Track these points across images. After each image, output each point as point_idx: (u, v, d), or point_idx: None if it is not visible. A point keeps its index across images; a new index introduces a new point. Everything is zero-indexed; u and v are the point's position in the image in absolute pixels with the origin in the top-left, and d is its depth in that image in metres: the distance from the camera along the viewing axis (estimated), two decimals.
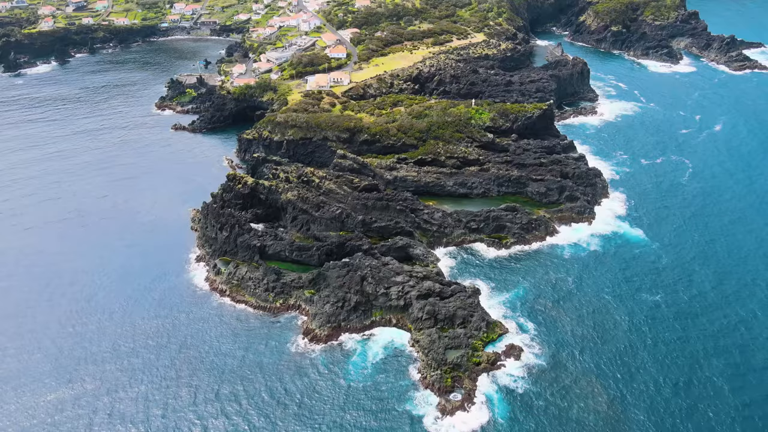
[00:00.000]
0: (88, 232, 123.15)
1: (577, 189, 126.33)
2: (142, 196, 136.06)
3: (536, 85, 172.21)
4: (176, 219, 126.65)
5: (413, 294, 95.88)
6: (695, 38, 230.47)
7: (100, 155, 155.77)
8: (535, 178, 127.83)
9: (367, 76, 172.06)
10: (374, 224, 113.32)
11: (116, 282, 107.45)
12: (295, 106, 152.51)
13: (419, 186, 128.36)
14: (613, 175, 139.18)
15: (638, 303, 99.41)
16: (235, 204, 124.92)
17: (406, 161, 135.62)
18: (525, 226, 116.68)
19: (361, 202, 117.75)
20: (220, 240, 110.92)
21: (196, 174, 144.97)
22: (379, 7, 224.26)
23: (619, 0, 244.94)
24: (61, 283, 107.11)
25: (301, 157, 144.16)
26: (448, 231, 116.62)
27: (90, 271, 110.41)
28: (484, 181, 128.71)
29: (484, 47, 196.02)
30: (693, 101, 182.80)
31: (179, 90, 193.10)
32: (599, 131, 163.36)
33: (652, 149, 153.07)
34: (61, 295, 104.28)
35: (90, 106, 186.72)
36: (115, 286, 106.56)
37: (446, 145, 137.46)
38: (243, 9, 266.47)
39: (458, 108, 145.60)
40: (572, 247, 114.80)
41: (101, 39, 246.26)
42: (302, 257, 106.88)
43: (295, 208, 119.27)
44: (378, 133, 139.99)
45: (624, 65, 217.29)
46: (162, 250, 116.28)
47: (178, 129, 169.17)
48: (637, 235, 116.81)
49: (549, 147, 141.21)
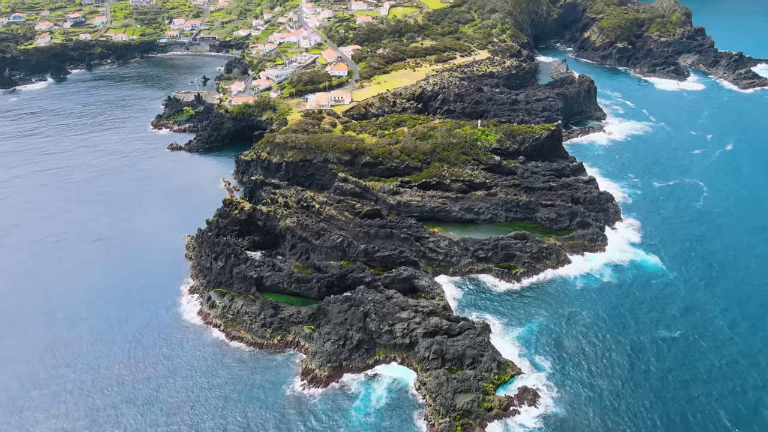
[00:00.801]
0: (73, 258, 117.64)
1: (589, 215, 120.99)
2: (134, 220, 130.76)
3: (543, 103, 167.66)
4: (170, 245, 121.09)
5: (419, 331, 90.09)
6: (702, 55, 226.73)
7: (91, 176, 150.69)
8: (544, 203, 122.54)
9: (368, 94, 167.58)
10: (377, 253, 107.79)
11: (101, 314, 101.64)
12: (294, 127, 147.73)
13: (424, 211, 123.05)
14: (625, 199, 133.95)
15: (658, 341, 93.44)
16: (232, 230, 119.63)
17: (410, 184, 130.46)
18: (535, 255, 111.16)
19: (363, 229, 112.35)
20: (215, 270, 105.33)
21: (192, 197, 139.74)
22: (381, 24, 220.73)
23: (624, 16, 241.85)
24: (39, 314, 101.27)
25: (301, 179, 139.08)
26: (455, 260, 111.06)
27: (73, 301, 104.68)
28: (492, 206, 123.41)
29: (488, 64, 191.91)
30: (703, 120, 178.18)
31: (176, 108, 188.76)
32: (608, 152, 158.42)
33: (664, 171, 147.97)
34: (39, 326, 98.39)
35: (84, 125, 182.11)
36: (100, 318, 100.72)
37: (451, 167, 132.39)
38: (243, 25, 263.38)
39: (464, 129, 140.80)
40: (585, 277, 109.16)
41: (99, 55, 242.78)
42: (301, 290, 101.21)
43: (294, 235, 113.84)
44: (380, 155, 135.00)
45: (630, 82, 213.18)
46: (153, 280, 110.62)
47: (175, 149, 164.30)
48: (654, 264, 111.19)
49: (558, 169, 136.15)
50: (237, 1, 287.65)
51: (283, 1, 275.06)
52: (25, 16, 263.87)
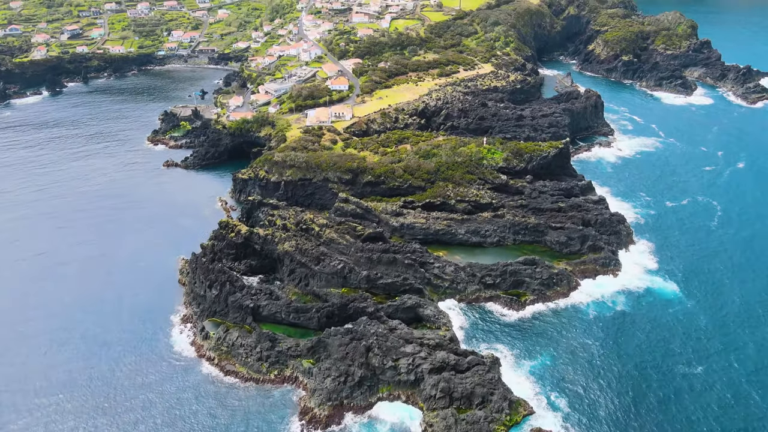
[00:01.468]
0: (61, 281, 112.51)
1: (601, 238, 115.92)
2: (126, 241, 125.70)
3: (549, 119, 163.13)
4: (163, 269, 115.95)
5: (425, 367, 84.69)
6: (709, 68, 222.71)
7: (84, 194, 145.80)
8: (554, 225, 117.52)
9: (370, 110, 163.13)
10: (380, 281, 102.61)
11: (85, 342, 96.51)
12: (294, 144, 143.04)
13: (428, 234, 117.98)
14: (637, 220, 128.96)
15: (678, 377, 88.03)
16: (228, 254, 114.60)
17: (413, 205, 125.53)
18: (545, 282, 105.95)
19: (365, 254, 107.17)
20: (209, 299, 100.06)
21: (187, 217, 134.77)
22: (382, 37, 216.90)
23: (628, 29, 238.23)
24: (18, 339, 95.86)
25: (300, 198, 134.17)
26: (461, 287, 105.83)
27: (59, 328, 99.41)
28: (499, 228, 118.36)
29: (492, 78, 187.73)
30: (713, 136, 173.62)
31: (173, 123, 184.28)
32: (618, 169, 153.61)
33: (676, 189, 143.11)
34: (16, 353, 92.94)
35: (77, 140, 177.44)
36: (82, 347, 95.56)
37: (456, 187, 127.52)
38: (242, 37, 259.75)
39: (469, 147, 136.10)
40: (598, 305, 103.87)
41: (95, 68, 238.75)
42: (300, 320, 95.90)
43: (293, 260, 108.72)
44: (383, 174, 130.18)
45: (637, 96, 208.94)
46: (144, 307, 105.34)
47: (170, 166, 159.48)
48: (671, 291, 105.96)
49: (566, 189, 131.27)
50: (236, 13, 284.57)
51: (283, 13, 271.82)
52: (21, 28, 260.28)
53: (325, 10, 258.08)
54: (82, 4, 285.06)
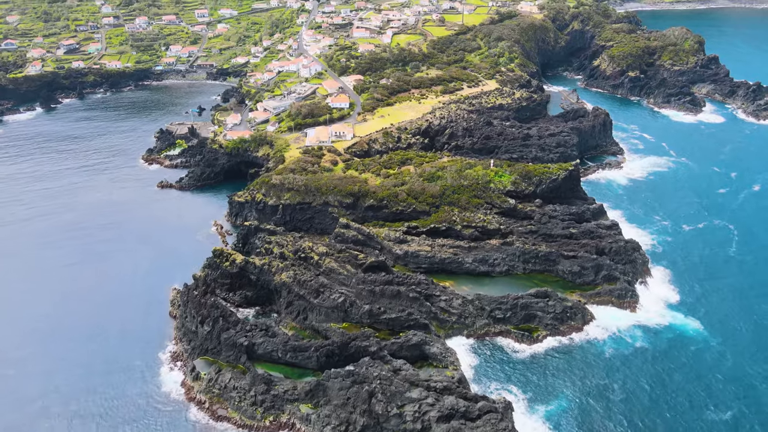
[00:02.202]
0: (44, 309, 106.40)
1: (616, 267, 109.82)
2: (115, 268, 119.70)
3: (556, 138, 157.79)
4: (153, 300, 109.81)
5: (432, 415, 78.23)
6: (718, 84, 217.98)
7: (73, 215, 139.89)
8: (566, 254, 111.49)
9: (371, 129, 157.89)
10: (383, 315, 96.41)
11: (72, 383, 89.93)
12: (292, 165, 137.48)
13: (433, 263, 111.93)
14: (652, 246, 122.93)
15: (705, 425, 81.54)
16: (222, 284, 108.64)
17: (417, 230, 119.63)
18: (559, 316, 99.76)
19: (367, 287, 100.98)
20: (200, 335, 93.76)
21: (181, 242, 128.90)
22: (384, 52, 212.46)
23: (634, 44, 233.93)
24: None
25: (299, 223, 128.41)
26: (470, 322, 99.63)
27: (36, 364, 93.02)
28: (508, 257, 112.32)
29: (497, 96, 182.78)
30: (725, 156, 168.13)
31: (169, 141, 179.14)
32: (629, 191, 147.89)
33: (691, 213, 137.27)
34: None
35: (70, 158, 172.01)
36: (66, 389, 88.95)
37: (462, 212, 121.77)
38: (241, 52, 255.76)
39: (475, 169, 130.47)
40: (615, 341, 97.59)
41: (91, 83, 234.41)
42: (298, 359, 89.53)
43: (291, 292, 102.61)
44: (385, 198, 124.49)
45: (644, 114, 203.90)
46: (132, 342, 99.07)
47: (165, 187, 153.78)
48: (693, 327, 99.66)
49: (577, 213, 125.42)
50: (236, 27, 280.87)
51: (282, 28, 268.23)
52: (17, 43, 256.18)
53: (326, 25, 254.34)
54: (79, 19, 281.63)
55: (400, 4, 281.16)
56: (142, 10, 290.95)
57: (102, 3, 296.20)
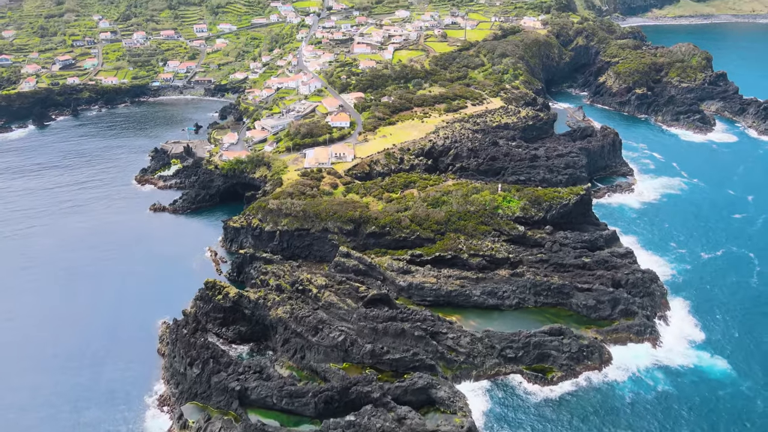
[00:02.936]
0: (19, 343, 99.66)
1: (633, 301, 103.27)
2: (102, 298, 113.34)
3: (565, 159, 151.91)
4: (141, 335, 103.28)
5: None
6: (727, 102, 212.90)
7: (58, 240, 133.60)
8: (580, 287, 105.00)
9: (373, 149, 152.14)
10: (386, 356, 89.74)
11: (40, 426, 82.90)
12: (290, 189, 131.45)
13: (439, 295, 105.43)
14: (671, 276, 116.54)
15: None
16: (215, 318, 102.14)
17: (421, 258, 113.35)
18: (574, 356, 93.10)
19: (369, 324, 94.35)
20: (189, 378, 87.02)
21: (173, 269, 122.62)
22: (385, 69, 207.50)
23: (641, 60, 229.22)
24: None
25: (297, 250, 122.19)
26: (479, 361, 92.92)
27: (8, 407, 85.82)
28: (518, 289, 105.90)
29: (502, 114, 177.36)
30: (739, 177, 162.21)
31: (163, 161, 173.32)
32: (642, 215, 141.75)
33: (708, 239, 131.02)
34: None
35: (59, 179, 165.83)
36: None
37: (469, 239, 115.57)
38: (240, 67, 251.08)
39: (482, 194, 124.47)
40: (635, 383, 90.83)
41: (86, 100, 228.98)
42: (294, 406, 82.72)
43: (288, 328, 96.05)
44: (388, 225, 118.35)
45: (653, 132, 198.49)
46: (117, 383, 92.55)
47: (158, 210, 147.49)
48: (719, 368, 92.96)
49: (590, 241, 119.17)
50: (235, 42, 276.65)
51: (282, 43, 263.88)
52: (12, 58, 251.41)
53: (326, 41, 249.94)
54: (76, 34, 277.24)
55: (402, 20, 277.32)
56: (140, 25, 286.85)
57: (99, 18, 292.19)
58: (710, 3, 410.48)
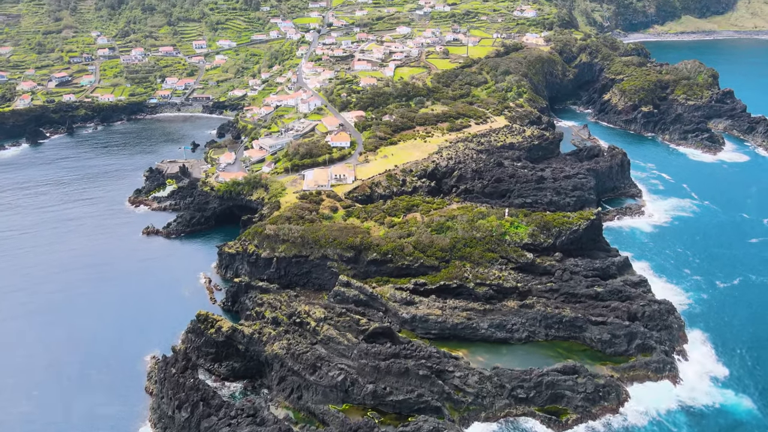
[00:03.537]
0: (3, 374, 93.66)
1: (651, 335, 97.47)
2: (88, 329, 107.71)
3: (572, 181, 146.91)
4: (128, 371, 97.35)
5: None
6: (735, 120, 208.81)
7: (44, 267, 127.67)
8: (594, 319, 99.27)
9: (374, 171, 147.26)
10: (389, 397, 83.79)
11: None
12: (288, 212, 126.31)
13: (445, 328, 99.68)
14: (687, 305, 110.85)
15: None
16: (206, 353, 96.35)
17: (425, 287, 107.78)
18: (590, 396, 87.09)
19: (370, 361, 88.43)
20: (178, 422, 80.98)
21: (165, 299, 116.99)
22: (387, 86, 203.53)
23: (646, 78, 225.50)
24: None
25: (295, 278, 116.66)
26: (488, 402, 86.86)
27: None
28: (528, 321, 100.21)
29: (507, 134, 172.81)
30: (753, 199, 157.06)
31: (158, 181, 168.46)
32: (654, 240, 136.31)
33: (724, 266, 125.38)
34: None
35: (49, 200, 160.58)
36: None
37: (475, 267, 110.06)
38: (239, 84, 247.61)
39: (488, 220, 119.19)
40: (656, 427, 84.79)
41: (82, 117, 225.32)
42: None
43: (284, 365, 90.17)
44: (390, 252, 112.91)
45: (661, 151, 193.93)
46: (100, 423, 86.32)
47: (151, 233, 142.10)
48: (746, 408, 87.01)
49: (602, 268, 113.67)
50: (234, 59, 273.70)
51: (282, 59, 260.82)
52: (7, 75, 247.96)
53: (326, 57, 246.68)
54: (74, 50, 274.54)
55: (403, 36, 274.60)
56: (138, 42, 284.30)
57: (98, 34, 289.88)
58: (712, 19, 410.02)
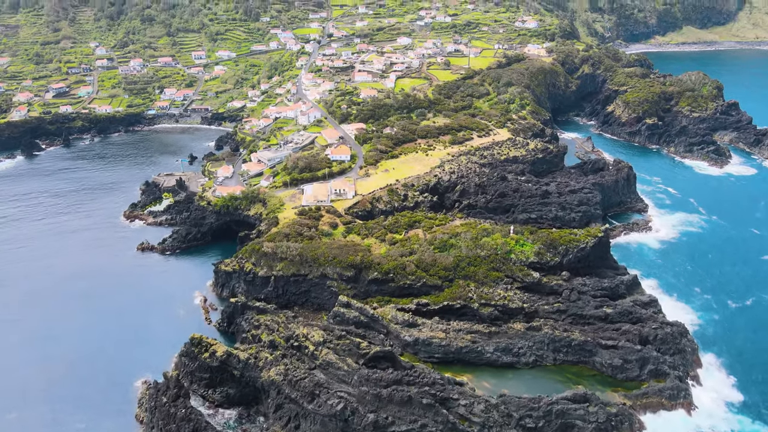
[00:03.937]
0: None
1: (664, 360, 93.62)
2: (77, 351, 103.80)
3: (578, 196, 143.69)
4: (118, 398, 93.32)
5: None
6: (741, 132, 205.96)
7: (36, 284, 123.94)
8: (605, 343, 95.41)
9: (375, 185, 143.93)
10: (391, 428, 79.78)
11: None
12: (287, 229, 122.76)
13: (448, 352, 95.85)
14: (698, 327, 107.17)
15: None
16: (200, 378, 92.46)
17: (428, 309, 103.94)
18: (602, 426, 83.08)
19: (371, 388, 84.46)
20: None
21: (159, 317, 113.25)
22: (387, 98, 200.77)
23: (650, 89, 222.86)
24: None
25: (293, 297, 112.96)
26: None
27: None
28: (535, 345, 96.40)
29: (510, 147, 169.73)
30: (762, 214, 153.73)
31: (154, 195, 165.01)
32: (662, 256, 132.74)
33: (736, 285, 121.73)
34: None
35: (42, 215, 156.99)
36: None
37: (480, 287, 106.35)
38: (238, 95, 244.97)
39: (493, 237, 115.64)
40: None
41: (79, 129, 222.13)
42: None
43: (281, 393, 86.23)
44: (391, 270, 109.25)
45: (666, 164, 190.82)
46: None
47: (145, 249, 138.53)
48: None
49: (610, 288, 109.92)
50: (234, 69, 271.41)
51: (282, 70, 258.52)
52: (4, 86, 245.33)
53: (326, 68, 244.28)
54: (72, 61, 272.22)
55: (404, 47, 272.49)
56: (137, 52, 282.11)
57: (96, 45, 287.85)
58: (713, 30, 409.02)
